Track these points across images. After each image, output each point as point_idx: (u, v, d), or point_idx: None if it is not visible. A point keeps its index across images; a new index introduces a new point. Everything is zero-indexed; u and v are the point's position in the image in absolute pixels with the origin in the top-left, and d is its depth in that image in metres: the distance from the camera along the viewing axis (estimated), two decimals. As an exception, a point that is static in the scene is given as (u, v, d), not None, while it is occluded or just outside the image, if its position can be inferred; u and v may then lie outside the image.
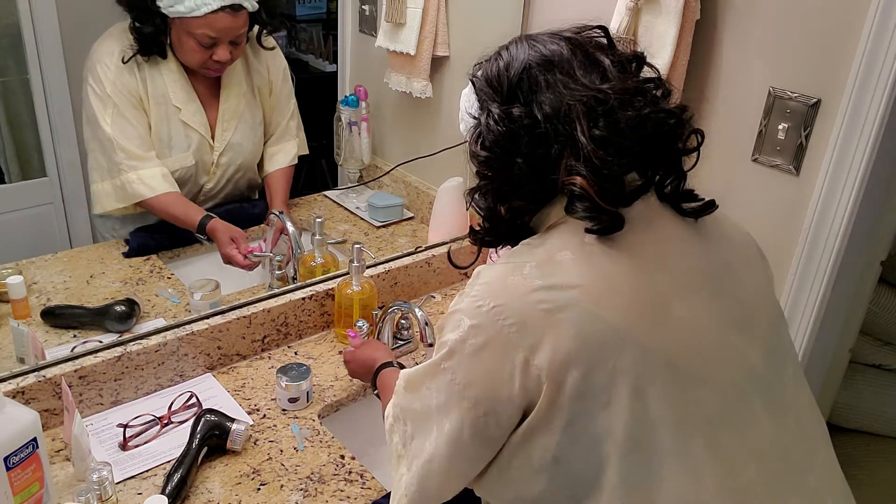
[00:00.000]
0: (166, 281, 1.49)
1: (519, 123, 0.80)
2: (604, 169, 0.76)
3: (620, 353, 0.73)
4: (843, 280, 1.29)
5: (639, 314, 0.75)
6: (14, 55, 1.44)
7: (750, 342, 0.81)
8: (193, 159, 1.51)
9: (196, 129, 1.51)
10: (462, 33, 1.73)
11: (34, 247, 1.47)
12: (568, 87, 0.79)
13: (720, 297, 0.81)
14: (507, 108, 0.81)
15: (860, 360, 2.31)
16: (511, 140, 0.80)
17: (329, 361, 1.41)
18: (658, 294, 0.77)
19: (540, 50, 0.83)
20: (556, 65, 0.81)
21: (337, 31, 1.98)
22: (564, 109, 0.78)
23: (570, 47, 0.82)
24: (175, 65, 1.46)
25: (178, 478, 1.07)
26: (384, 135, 1.96)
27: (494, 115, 0.82)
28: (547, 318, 0.74)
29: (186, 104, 1.49)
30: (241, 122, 1.57)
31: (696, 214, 0.84)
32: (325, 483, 1.13)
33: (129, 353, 1.23)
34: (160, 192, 1.46)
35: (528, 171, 0.80)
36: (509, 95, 0.82)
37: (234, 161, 1.58)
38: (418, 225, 1.87)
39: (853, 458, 2.17)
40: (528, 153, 0.80)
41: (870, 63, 1.13)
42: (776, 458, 0.79)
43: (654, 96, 0.82)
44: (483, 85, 0.85)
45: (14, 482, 0.95)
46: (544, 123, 0.79)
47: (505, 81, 0.83)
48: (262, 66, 1.59)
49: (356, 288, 1.41)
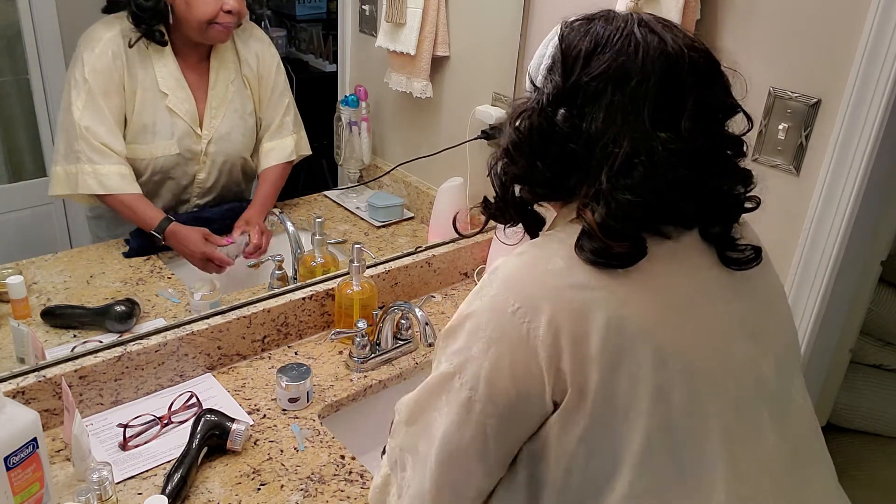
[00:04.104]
0: (166, 281, 1.49)
1: (558, 127, 0.74)
2: (621, 224, 0.71)
3: (644, 359, 0.70)
4: (843, 280, 1.29)
5: (662, 318, 0.72)
6: (14, 55, 1.44)
7: (763, 352, 0.79)
8: (178, 147, 1.49)
9: (181, 117, 1.49)
10: (462, 33, 1.73)
11: (34, 247, 1.47)
12: (627, 118, 0.71)
13: (736, 303, 0.79)
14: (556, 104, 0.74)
15: (860, 360, 2.31)
16: (542, 139, 0.75)
17: (329, 361, 1.41)
18: (681, 297, 0.75)
19: (631, 54, 0.73)
20: (633, 85, 0.72)
21: (337, 31, 1.98)
22: (608, 140, 0.71)
23: (663, 65, 0.73)
24: (169, 50, 1.45)
25: (179, 478, 1.07)
26: (384, 135, 1.96)
27: (543, 101, 0.75)
28: (576, 319, 0.70)
29: (175, 91, 1.47)
30: (230, 111, 1.56)
31: (740, 266, 0.78)
32: (326, 483, 1.13)
33: (130, 353, 1.23)
34: (115, 192, 1.43)
35: (545, 176, 0.76)
36: (571, 88, 0.74)
37: (224, 150, 1.56)
38: (418, 225, 1.87)
39: (853, 458, 2.17)
40: (553, 162, 0.75)
41: (870, 63, 1.13)
42: (782, 471, 0.77)
43: (722, 160, 0.76)
44: (565, 49, 0.76)
45: (14, 482, 0.95)
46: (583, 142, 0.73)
47: (577, 69, 0.74)
48: (251, 56, 1.59)
49: (356, 288, 1.41)
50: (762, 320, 0.81)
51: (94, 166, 1.42)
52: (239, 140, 1.59)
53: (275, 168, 1.65)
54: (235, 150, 1.59)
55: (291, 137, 1.68)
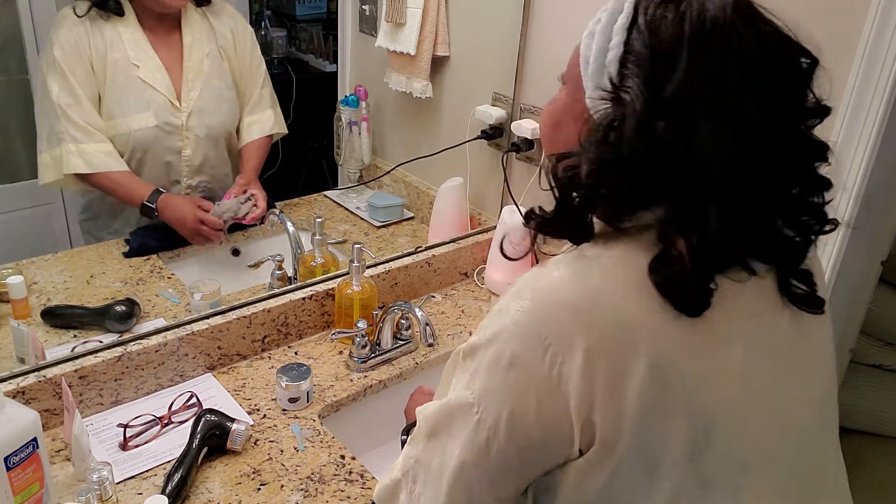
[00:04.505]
0: (166, 281, 1.49)
1: (660, 143, 0.60)
2: (719, 255, 0.62)
3: (685, 418, 0.63)
4: (843, 280, 1.29)
5: (713, 376, 0.64)
6: (14, 55, 1.45)
7: (808, 417, 0.72)
8: (155, 120, 1.48)
9: (156, 88, 1.48)
10: (462, 33, 1.73)
11: (34, 247, 1.47)
12: (738, 132, 0.60)
13: (795, 363, 0.71)
14: (655, 114, 0.61)
15: (861, 360, 2.31)
16: (640, 157, 0.61)
17: (329, 361, 1.41)
18: (739, 354, 0.66)
19: (736, 50, 0.61)
20: (743, 90, 0.61)
21: (337, 31, 1.98)
22: (716, 159, 0.60)
23: (772, 64, 0.62)
24: (133, 22, 1.45)
25: (179, 478, 1.07)
26: (384, 135, 1.96)
27: (637, 109, 0.61)
28: (614, 364, 0.61)
29: (145, 62, 1.47)
30: (207, 84, 1.55)
31: (810, 308, 0.70)
32: (326, 483, 1.13)
33: (130, 353, 1.23)
34: (102, 170, 1.43)
35: (632, 197, 0.64)
36: (673, 96, 0.60)
37: (205, 123, 1.55)
38: (418, 225, 1.87)
39: (854, 458, 2.17)
40: (645, 182, 0.62)
41: (870, 63, 1.13)
42: None
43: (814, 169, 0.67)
44: (656, 41, 0.62)
45: (14, 482, 0.95)
46: (688, 160, 0.60)
47: (678, 69, 0.60)
48: (225, 30, 1.58)
49: (356, 288, 1.41)
50: (812, 377, 0.74)
51: (78, 145, 1.41)
52: (220, 113, 1.58)
53: (257, 141, 1.65)
54: (218, 123, 1.58)
55: (271, 110, 1.67)
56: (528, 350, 0.63)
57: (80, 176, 1.43)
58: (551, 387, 0.63)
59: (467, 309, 1.62)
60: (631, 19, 0.64)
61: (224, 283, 1.42)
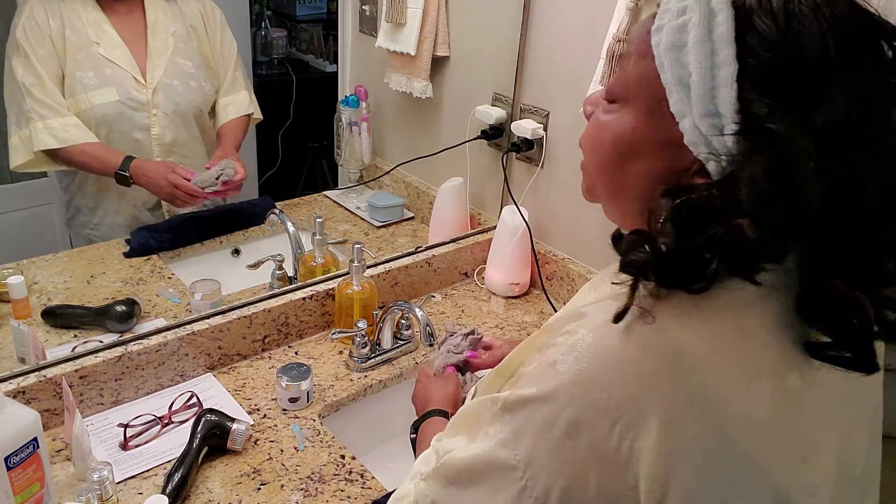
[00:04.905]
0: (167, 281, 1.49)
1: (823, 182, 0.49)
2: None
3: (741, 496, 0.54)
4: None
5: (779, 451, 0.55)
6: None
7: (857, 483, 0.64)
8: (118, 95, 1.48)
9: (118, 64, 1.48)
10: (462, 33, 1.73)
11: (35, 247, 1.47)
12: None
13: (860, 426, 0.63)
14: (825, 155, 0.49)
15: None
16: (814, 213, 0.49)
17: (329, 361, 1.41)
18: (818, 425, 0.58)
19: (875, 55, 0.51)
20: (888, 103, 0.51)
21: (337, 32, 1.98)
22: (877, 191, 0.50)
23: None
24: (91, 2, 1.46)
25: (179, 477, 1.07)
26: (384, 135, 1.96)
27: (807, 151, 0.48)
28: (685, 435, 0.52)
29: (104, 39, 1.47)
30: (173, 62, 1.55)
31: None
32: (326, 483, 1.13)
33: (130, 353, 1.23)
34: (71, 142, 1.43)
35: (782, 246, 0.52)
36: (835, 129, 0.49)
37: (172, 100, 1.54)
38: (418, 225, 1.87)
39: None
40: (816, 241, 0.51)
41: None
42: None
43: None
44: (782, 53, 0.49)
45: (15, 482, 0.95)
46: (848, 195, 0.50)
47: (838, 86, 0.49)
48: (192, 9, 1.59)
49: (356, 288, 1.42)
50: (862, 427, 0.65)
51: (45, 122, 1.42)
52: (188, 91, 1.58)
53: (235, 121, 1.65)
54: (187, 100, 1.57)
55: (245, 91, 1.68)
56: (591, 419, 0.53)
57: (51, 154, 1.44)
58: (620, 466, 0.53)
59: (467, 309, 1.62)
60: (739, 24, 0.51)
61: (224, 283, 1.42)
